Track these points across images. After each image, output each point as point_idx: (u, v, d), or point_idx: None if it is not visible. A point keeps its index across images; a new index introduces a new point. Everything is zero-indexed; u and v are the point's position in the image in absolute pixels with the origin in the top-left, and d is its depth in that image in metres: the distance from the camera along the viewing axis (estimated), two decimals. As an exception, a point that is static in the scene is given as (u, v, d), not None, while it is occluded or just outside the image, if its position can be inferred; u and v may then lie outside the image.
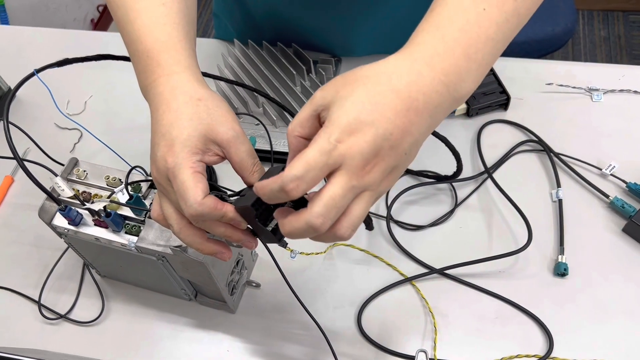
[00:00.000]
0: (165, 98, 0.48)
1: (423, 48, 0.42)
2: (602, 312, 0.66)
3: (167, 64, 0.50)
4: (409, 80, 0.41)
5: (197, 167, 0.45)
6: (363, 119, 0.39)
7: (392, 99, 0.40)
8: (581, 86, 0.83)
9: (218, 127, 0.46)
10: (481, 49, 0.43)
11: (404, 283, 0.69)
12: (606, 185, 0.74)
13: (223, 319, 0.69)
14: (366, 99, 0.40)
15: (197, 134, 0.46)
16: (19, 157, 0.52)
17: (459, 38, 0.43)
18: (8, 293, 0.73)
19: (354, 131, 0.39)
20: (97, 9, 1.99)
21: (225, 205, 0.45)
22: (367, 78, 0.41)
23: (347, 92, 0.40)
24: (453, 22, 0.43)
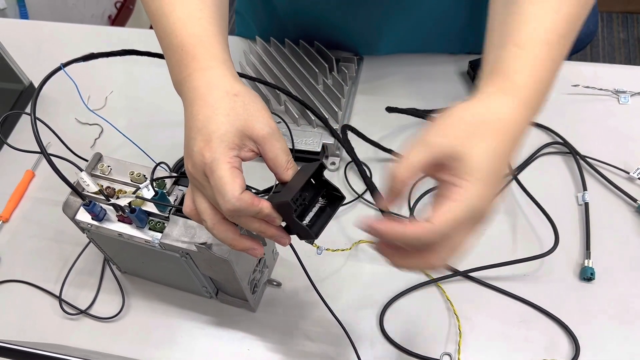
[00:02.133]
0: (201, 93, 0.48)
1: (526, 92, 0.45)
2: (629, 317, 0.65)
3: (203, 58, 0.49)
4: (522, 127, 0.44)
5: (234, 163, 0.45)
6: (498, 171, 0.42)
7: (511, 146, 0.43)
8: (607, 88, 0.81)
9: (254, 123, 0.46)
10: (555, 78, 0.48)
11: (428, 285, 0.69)
12: (634, 189, 0.73)
13: (244, 318, 0.69)
14: (501, 152, 0.42)
15: (234, 129, 0.46)
16: (46, 151, 0.52)
17: (548, 77, 0.46)
18: (29, 287, 0.73)
19: (491, 184, 0.42)
20: (115, 5, 2.00)
21: (261, 201, 0.45)
22: (495, 127, 0.42)
23: (481, 142, 0.41)
24: (544, 60, 0.46)
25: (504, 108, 0.43)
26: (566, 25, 0.47)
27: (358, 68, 0.86)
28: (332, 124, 0.78)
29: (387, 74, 0.87)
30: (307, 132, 0.78)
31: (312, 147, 0.77)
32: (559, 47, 0.47)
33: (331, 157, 0.80)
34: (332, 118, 0.79)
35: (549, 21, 0.46)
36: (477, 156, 0.41)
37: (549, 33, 0.46)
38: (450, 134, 0.42)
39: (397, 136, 0.81)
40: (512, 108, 0.43)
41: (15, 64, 0.89)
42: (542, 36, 0.46)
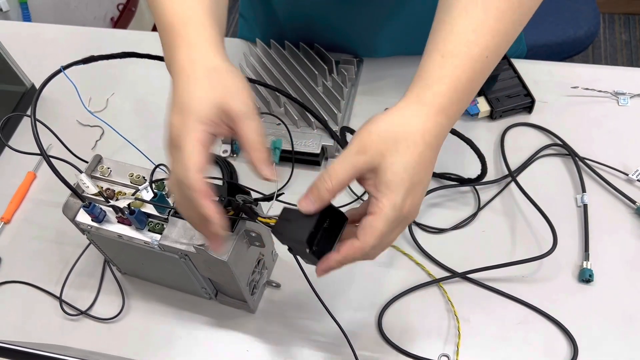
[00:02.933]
0: (184, 68, 0.49)
1: (441, 101, 0.47)
2: (628, 319, 0.65)
3: (189, 36, 0.50)
4: (436, 134, 0.47)
5: (202, 137, 0.46)
6: (415, 181, 0.46)
7: (429, 155, 0.47)
8: (607, 90, 0.81)
9: (230, 100, 0.47)
10: (477, 89, 0.51)
11: (426, 286, 0.69)
12: (632, 190, 0.73)
13: (243, 319, 0.69)
14: (414, 162, 0.46)
15: (209, 104, 0.46)
16: (45, 153, 0.53)
17: (468, 88, 0.49)
18: (30, 288, 0.74)
19: (410, 193, 0.46)
20: (117, 8, 2.01)
21: (209, 202, 0.46)
22: (406, 140, 0.46)
23: (394, 156, 0.45)
24: (465, 71, 0.48)
25: (418, 119, 0.47)
26: (492, 39, 0.49)
27: (357, 70, 0.87)
28: (332, 125, 0.78)
29: (386, 76, 0.87)
30: (306, 134, 0.78)
31: (311, 149, 0.77)
32: (481, 59, 0.49)
33: (330, 159, 0.80)
34: (331, 120, 0.79)
35: (474, 34, 0.49)
36: (392, 170, 0.45)
37: (473, 46, 0.48)
38: (369, 150, 0.45)
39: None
40: (426, 118, 0.47)
41: (17, 66, 0.90)
42: (465, 48, 0.48)
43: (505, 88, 0.81)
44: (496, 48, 0.50)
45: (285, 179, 0.78)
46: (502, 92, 0.80)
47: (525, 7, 0.52)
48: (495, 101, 0.80)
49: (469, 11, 0.49)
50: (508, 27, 0.50)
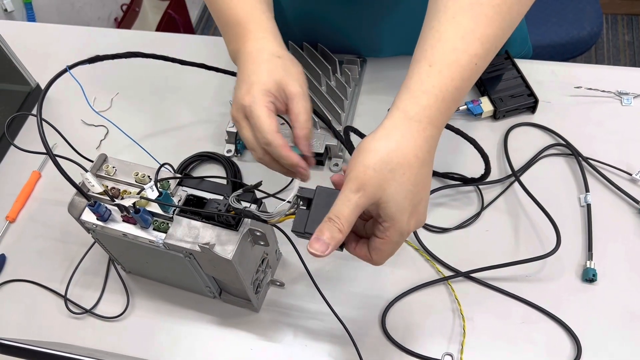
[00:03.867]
0: (253, 55, 0.58)
1: (429, 113, 0.48)
2: (631, 319, 0.65)
3: (255, 30, 0.59)
4: (427, 149, 0.48)
5: (270, 107, 0.55)
6: (416, 202, 0.48)
7: (425, 172, 0.48)
8: (610, 90, 0.81)
9: (289, 80, 0.55)
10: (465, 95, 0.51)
11: (430, 285, 0.69)
12: (636, 190, 0.73)
13: (247, 318, 0.69)
14: (412, 186, 0.47)
15: (272, 80, 0.55)
16: (51, 152, 0.53)
17: (456, 96, 0.49)
18: (35, 287, 0.74)
19: (413, 214, 0.48)
20: (121, 8, 2.01)
21: (291, 151, 0.54)
22: (401, 166, 0.46)
23: (393, 186, 0.46)
24: (453, 79, 0.48)
25: (409, 139, 0.47)
26: (480, 46, 0.48)
27: (361, 70, 0.87)
28: (335, 125, 0.79)
29: (390, 76, 0.88)
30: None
31: (315, 149, 0.77)
32: (470, 66, 0.48)
33: (334, 159, 0.80)
34: (335, 120, 0.80)
35: (463, 42, 0.48)
36: (394, 201, 0.46)
37: (461, 53, 0.48)
38: (368, 186, 0.46)
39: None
40: (417, 135, 0.47)
41: (22, 66, 0.90)
42: (453, 56, 0.48)
43: (508, 88, 0.81)
44: (485, 54, 0.49)
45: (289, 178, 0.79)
46: (506, 92, 0.81)
47: (514, 12, 0.50)
48: (499, 101, 0.80)
49: (457, 18, 0.48)
50: (497, 32, 0.50)
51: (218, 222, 0.58)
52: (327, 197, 0.52)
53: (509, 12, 0.50)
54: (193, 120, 0.87)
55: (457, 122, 0.81)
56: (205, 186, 0.61)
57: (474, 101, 0.81)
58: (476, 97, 0.82)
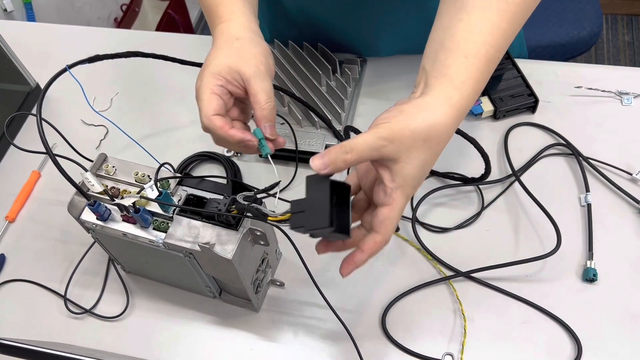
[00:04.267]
0: (216, 39, 0.58)
1: (465, 102, 0.49)
2: (632, 319, 0.65)
3: (223, 13, 0.60)
4: (453, 132, 0.50)
5: (215, 90, 0.55)
6: (424, 175, 0.50)
7: (440, 151, 0.50)
8: (610, 89, 0.81)
9: (244, 62, 0.55)
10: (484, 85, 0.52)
11: (431, 285, 0.69)
12: (636, 190, 0.73)
13: (247, 317, 0.69)
14: (431, 159, 0.49)
15: (224, 64, 0.55)
16: (51, 151, 0.53)
17: (481, 87, 0.51)
18: (35, 287, 0.74)
19: (418, 185, 0.50)
20: (121, 8, 2.01)
21: (231, 130, 0.54)
22: (432, 140, 0.48)
23: (418, 153, 0.47)
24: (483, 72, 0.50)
25: (447, 120, 0.48)
26: (503, 41, 0.51)
27: (361, 70, 0.87)
28: (335, 125, 0.79)
29: (390, 76, 0.88)
30: (310, 134, 0.79)
31: (315, 149, 0.77)
32: (495, 61, 0.51)
33: (334, 158, 0.80)
34: (335, 119, 0.79)
35: (491, 36, 0.50)
36: (413, 165, 0.48)
37: (490, 47, 0.50)
38: (398, 142, 0.47)
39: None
40: (452, 120, 0.49)
41: (22, 66, 0.90)
42: (483, 50, 0.50)
43: (508, 88, 0.81)
44: (504, 49, 0.52)
45: (289, 178, 0.79)
46: (506, 92, 0.81)
47: (529, 8, 0.53)
48: (499, 101, 0.80)
49: (486, 12, 0.50)
50: (515, 28, 0.52)
51: (218, 222, 0.57)
52: (317, 183, 0.49)
53: (526, 9, 0.53)
54: (193, 120, 0.87)
55: (457, 122, 0.81)
56: (205, 186, 0.61)
57: (474, 101, 0.81)
58: (476, 97, 0.82)
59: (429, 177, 0.77)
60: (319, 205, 0.48)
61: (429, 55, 0.51)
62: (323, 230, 0.48)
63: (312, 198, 0.49)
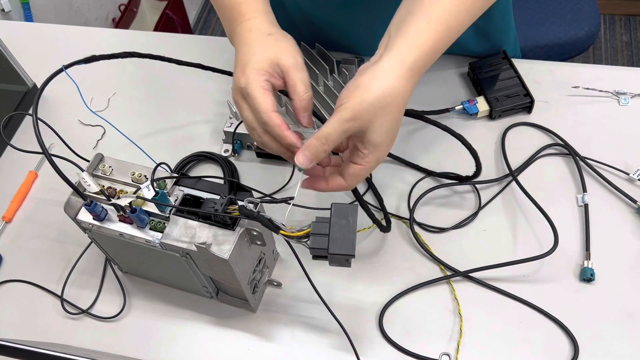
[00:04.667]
0: (245, 37, 0.59)
1: (420, 64, 0.53)
2: (629, 319, 0.65)
3: (247, 11, 0.60)
4: (410, 92, 0.54)
5: (265, 86, 0.56)
6: (394, 135, 0.54)
7: (403, 111, 0.54)
8: (608, 89, 0.81)
9: (282, 55, 0.56)
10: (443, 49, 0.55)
11: (429, 285, 0.69)
12: (634, 190, 0.73)
13: (244, 318, 0.69)
14: (396, 121, 0.53)
15: (265, 58, 0.56)
16: (47, 151, 0.53)
17: (438, 53, 0.54)
18: (31, 287, 0.74)
19: (390, 144, 0.54)
20: (119, 8, 2.01)
21: (288, 131, 0.55)
22: (392, 105, 0.52)
23: (381, 119, 0.52)
24: (442, 39, 0.54)
25: (402, 83, 0.52)
26: (467, 15, 0.55)
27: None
28: (333, 125, 0.78)
29: (387, 76, 0.87)
30: (307, 134, 0.78)
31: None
32: (455, 32, 0.55)
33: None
34: (332, 119, 0.79)
35: (455, 8, 0.54)
36: (379, 131, 0.52)
37: (453, 18, 0.54)
38: (360, 117, 0.51)
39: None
40: (407, 81, 0.52)
41: (19, 66, 0.90)
42: (446, 17, 0.53)
43: (504, 88, 0.81)
44: (466, 23, 0.56)
45: (286, 178, 0.79)
46: (502, 92, 0.81)
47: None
48: (495, 101, 0.80)
49: None
50: (480, 6, 0.56)
51: (215, 222, 0.57)
52: (343, 212, 0.54)
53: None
54: (190, 120, 0.87)
55: (453, 122, 0.81)
56: (202, 186, 0.61)
57: (469, 101, 0.81)
58: (472, 97, 0.82)
59: (425, 177, 0.77)
60: (346, 233, 0.53)
61: (395, 21, 0.55)
62: (345, 256, 0.52)
63: (337, 224, 0.53)
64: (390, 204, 0.75)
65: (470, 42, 0.86)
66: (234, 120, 0.81)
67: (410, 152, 0.79)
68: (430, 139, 0.80)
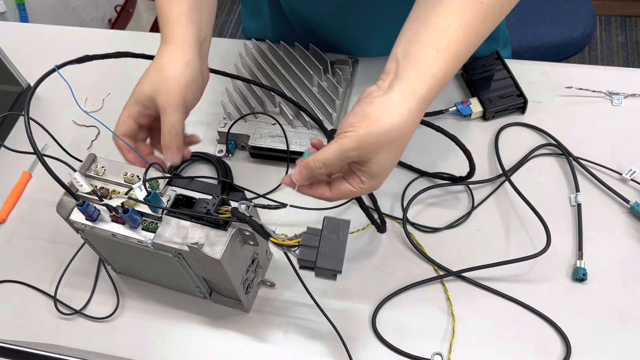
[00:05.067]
0: (155, 59, 0.63)
1: (431, 96, 0.52)
2: (621, 318, 0.65)
3: (166, 35, 0.63)
4: (417, 120, 0.52)
5: (132, 113, 0.62)
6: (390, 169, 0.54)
7: (405, 148, 0.53)
8: (601, 90, 0.82)
9: (159, 94, 0.60)
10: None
11: (422, 284, 0.69)
12: (626, 190, 0.73)
13: (237, 318, 0.69)
14: (398, 154, 0.53)
15: (144, 91, 0.61)
16: (39, 151, 0.53)
17: (448, 81, 0.53)
18: (24, 288, 0.74)
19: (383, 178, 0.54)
20: (115, 9, 2.01)
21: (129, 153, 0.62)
22: (398, 139, 0.51)
23: (385, 153, 0.51)
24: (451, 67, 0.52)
25: (412, 116, 0.51)
26: (474, 40, 0.53)
27: (353, 70, 0.87)
28: (327, 125, 0.79)
29: (381, 76, 0.87)
30: (301, 134, 0.79)
31: (306, 149, 0.77)
32: (464, 59, 0.53)
33: (325, 159, 0.80)
34: (326, 120, 0.80)
35: (463, 34, 0.52)
36: (380, 164, 0.52)
37: (462, 45, 0.52)
38: (364, 148, 0.51)
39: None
40: (417, 113, 0.51)
41: (13, 67, 0.90)
42: (455, 46, 0.52)
43: (498, 89, 0.81)
44: (474, 48, 0.54)
45: (280, 178, 0.79)
46: (495, 93, 0.81)
47: (504, 11, 0.55)
48: (488, 102, 0.80)
49: (461, 11, 0.52)
50: (487, 29, 0.54)
51: (207, 222, 0.57)
52: (335, 226, 0.54)
53: (500, 11, 0.54)
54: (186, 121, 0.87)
55: (446, 123, 0.81)
56: (195, 186, 0.61)
57: (463, 102, 0.81)
58: (466, 98, 0.82)
59: (418, 177, 0.77)
60: (335, 248, 0.53)
61: (403, 43, 0.53)
62: (332, 271, 0.52)
63: (328, 238, 0.53)
64: (384, 204, 0.75)
65: None
66: (227, 121, 0.81)
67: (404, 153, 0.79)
68: (424, 139, 0.80)
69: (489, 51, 0.85)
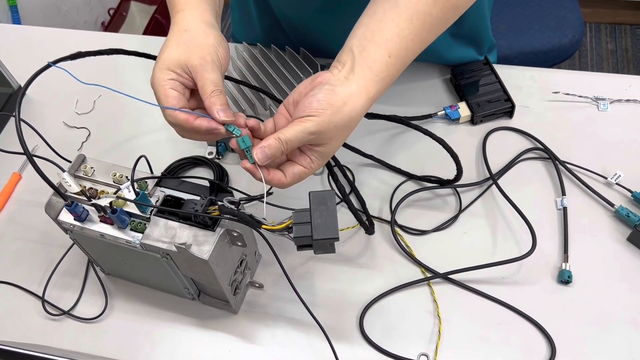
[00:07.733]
0: (169, 32, 0.59)
1: (380, 95, 0.57)
2: (605, 320, 0.66)
3: (179, 3, 0.60)
4: (365, 111, 0.57)
5: (169, 84, 0.56)
6: (338, 149, 0.58)
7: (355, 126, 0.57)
8: (587, 95, 0.83)
9: (191, 55, 0.56)
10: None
11: (409, 286, 0.69)
12: (611, 194, 0.74)
13: (225, 319, 0.69)
14: (347, 137, 0.58)
15: (173, 57, 0.56)
16: (28, 152, 0.53)
17: (393, 77, 0.58)
18: (12, 288, 0.74)
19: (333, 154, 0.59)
20: (108, 12, 2.01)
21: (197, 120, 0.55)
22: (350, 128, 0.56)
23: (338, 138, 0.56)
24: (398, 71, 0.58)
25: (362, 110, 0.56)
26: (420, 48, 0.58)
27: (343, 74, 0.87)
28: (316, 128, 0.79)
29: (371, 80, 0.88)
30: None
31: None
32: (407, 64, 0.58)
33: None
34: (316, 123, 0.80)
35: (412, 42, 0.57)
36: (332, 146, 0.56)
37: (410, 52, 0.57)
38: (324, 134, 0.54)
39: (377, 141, 0.82)
40: (366, 108, 0.56)
41: (4, 68, 0.90)
42: (404, 53, 0.57)
43: (486, 93, 0.82)
44: (418, 54, 0.59)
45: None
46: (483, 97, 0.82)
47: (447, 23, 0.60)
48: (476, 106, 0.81)
49: (413, 21, 0.56)
50: (432, 38, 0.59)
51: (195, 223, 0.58)
52: (322, 198, 0.55)
53: (445, 24, 0.60)
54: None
55: (435, 127, 0.82)
56: (185, 188, 0.61)
57: (452, 106, 0.82)
58: (454, 103, 0.83)
59: (406, 180, 0.78)
60: (327, 218, 0.54)
61: (358, 37, 0.57)
62: (330, 240, 0.53)
63: (318, 211, 0.54)
64: (373, 207, 0.76)
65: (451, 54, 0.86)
66: (218, 123, 0.81)
67: (393, 156, 0.80)
68: (412, 143, 0.81)
69: (475, 56, 0.86)
